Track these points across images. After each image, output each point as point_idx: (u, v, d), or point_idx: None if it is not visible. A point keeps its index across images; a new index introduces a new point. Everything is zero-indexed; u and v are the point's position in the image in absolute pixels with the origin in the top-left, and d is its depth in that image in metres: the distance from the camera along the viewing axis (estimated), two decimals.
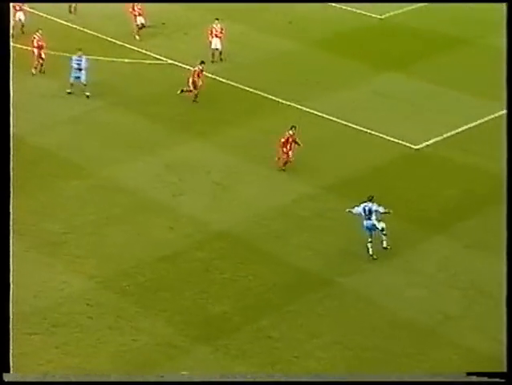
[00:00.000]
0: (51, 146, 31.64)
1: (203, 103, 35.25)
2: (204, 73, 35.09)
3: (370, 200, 25.32)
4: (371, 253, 25.38)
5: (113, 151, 31.78)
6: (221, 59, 38.33)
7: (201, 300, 24.05)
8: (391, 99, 34.98)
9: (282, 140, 29.83)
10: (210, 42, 38.36)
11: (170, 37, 41.13)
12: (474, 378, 16.28)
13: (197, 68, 34.93)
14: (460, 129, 32.77)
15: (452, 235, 26.36)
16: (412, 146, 31.63)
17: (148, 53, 39.07)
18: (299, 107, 34.58)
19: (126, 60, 38.49)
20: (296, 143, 29.82)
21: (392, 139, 32.08)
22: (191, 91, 34.93)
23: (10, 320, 17.31)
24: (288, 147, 29.84)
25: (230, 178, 29.99)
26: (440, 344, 22.08)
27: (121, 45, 39.44)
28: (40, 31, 37.00)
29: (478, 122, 33.29)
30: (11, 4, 40.04)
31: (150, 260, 25.74)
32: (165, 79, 37.30)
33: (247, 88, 36.21)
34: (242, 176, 30.12)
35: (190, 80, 34.80)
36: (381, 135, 32.39)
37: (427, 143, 31.84)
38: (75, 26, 41.66)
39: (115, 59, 38.32)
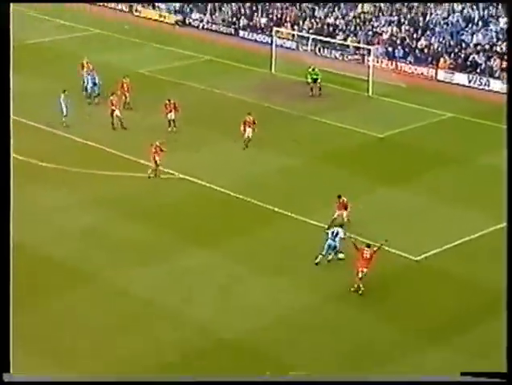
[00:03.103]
0: (58, 256, 30.29)
1: (211, 215, 34.14)
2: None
3: (341, 226, 29.88)
4: (318, 260, 29.38)
5: (122, 259, 30.51)
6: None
7: None
8: (390, 212, 33.79)
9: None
10: (244, 131, 40.23)
11: (181, 153, 40.02)
12: (475, 379, 14.67)
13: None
14: (458, 242, 31.46)
15: (450, 347, 24.77)
16: (412, 257, 30.24)
17: (162, 168, 38.02)
18: (304, 219, 33.34)
19: (139, 174, 37.51)
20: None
21: (392, 250, 30.69)
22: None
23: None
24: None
25: (237, 285, 28.64)
26: None
27: (135, 161, 38.47)
28: None
29: (476, 235, 32.02)
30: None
31: (156, 366, 24.21)
32: (176, 191, 36.30)
33: (254, 201, 35.11)
34: (249, 284, 28.80)
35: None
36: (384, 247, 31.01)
37: (426, 254, 30.48)
38: (82, 141, 40.75)
39: (132, 174, 37.28)
